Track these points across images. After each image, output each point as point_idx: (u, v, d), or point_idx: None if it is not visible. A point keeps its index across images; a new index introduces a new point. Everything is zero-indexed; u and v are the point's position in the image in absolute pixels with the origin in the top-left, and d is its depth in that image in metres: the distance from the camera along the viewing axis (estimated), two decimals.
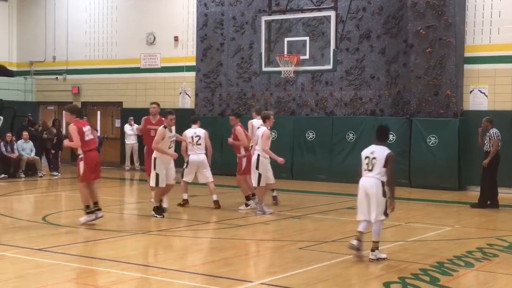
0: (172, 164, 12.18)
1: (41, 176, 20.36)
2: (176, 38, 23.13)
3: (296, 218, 12.52)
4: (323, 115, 20.33)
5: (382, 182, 8.72)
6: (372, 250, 8.75)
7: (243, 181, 13.50)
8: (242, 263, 8.64)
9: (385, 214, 8.78)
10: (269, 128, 12.86)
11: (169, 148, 12.06)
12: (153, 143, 12.06)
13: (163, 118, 12.93)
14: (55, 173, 21.09)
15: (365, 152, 8.96)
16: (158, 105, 13.83)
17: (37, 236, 10.32)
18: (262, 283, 7.46)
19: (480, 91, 18.19)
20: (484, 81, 18.16)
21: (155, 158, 12.02)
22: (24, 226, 11.40)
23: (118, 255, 9.14)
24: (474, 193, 16.36)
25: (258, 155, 12.68)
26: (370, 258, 8.68)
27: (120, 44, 24.43)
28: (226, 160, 19.35)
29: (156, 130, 12.99)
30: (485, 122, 14.51)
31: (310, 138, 20.20)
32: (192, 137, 13.61)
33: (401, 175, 18.51)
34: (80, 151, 11.06)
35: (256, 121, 13.90)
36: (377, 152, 8.83)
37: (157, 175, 11.97)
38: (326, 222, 12.27)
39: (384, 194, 8.72)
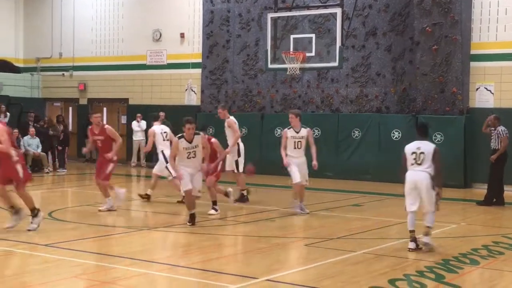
0: (198, 175, 11.18)
1: (47, 172, 20.44)
2: (182, 35, 23.16)
3: (304, 213, 12.52)
4: (329, 112, 20.32)
5: (431, 175, 9.19)
6: (426, 235, 9.28)
7: (216, 184, 12.78)
8: (247, 260, 8.66)
9: (437, 208, 9.34)
10: (289, 127, 12.55)
11: (188, 158, 11.04)
12: (169, 157, 11.57)
13: (105, 127, 12.42)
14: (61, 170, 21.16)
15: (410, 148, 9.47)
16: (101, 114, 13.18)
17: (43, 232, 10.35)
18: (267, 280, 7.48)
19: (486, 88, 18.15)
20: (490, 78, 18.12)
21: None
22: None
23: (123, 251, 9.18)
24: (479, 190, 16.35)
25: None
26: (423, 242, 9.23)
27: (126, 40, 24.47)
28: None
29: (101, 140, 12.38)
30: (492, 120, 14.50)
31: (316, 135, 20.13)
32: (161, 133, 13.92)
33: None
34: (15, 154, 9.99)
35: (234, 119, 13.99)
36: (424, 147, 9.35)
37: (180, 180, 11.22)
38: (332, 219, 12.28)
39: (433, 187, 9.21)
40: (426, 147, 9.35)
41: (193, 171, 11.10)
